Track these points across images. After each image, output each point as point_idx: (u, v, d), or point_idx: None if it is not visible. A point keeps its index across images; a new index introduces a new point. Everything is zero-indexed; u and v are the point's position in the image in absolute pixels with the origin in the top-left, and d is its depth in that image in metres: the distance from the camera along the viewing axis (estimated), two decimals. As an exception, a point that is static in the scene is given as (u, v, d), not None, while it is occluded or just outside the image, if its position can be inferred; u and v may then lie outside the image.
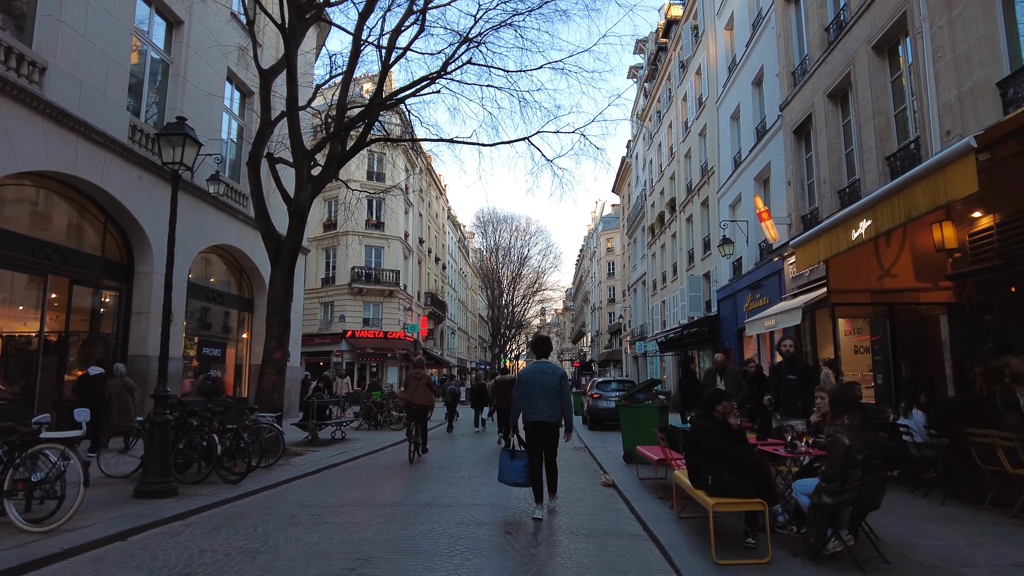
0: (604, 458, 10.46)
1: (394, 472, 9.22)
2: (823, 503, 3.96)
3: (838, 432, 4.03)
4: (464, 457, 11.12)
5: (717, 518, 4.47)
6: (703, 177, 22.07)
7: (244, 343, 18.70)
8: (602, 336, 60.11)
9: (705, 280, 21.94)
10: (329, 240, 33.96)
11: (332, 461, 9.95)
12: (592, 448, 12.25)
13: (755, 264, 16.54)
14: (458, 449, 12.81)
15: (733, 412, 5.02)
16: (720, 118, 20.44)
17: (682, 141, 25.14)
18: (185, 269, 14.63)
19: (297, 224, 10.74)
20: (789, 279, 13.66)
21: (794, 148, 14.11)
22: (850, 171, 11.95)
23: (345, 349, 32.19)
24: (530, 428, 6.11)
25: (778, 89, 15.11)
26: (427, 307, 41.71)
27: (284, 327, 10.60)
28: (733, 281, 18.35)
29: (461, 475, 8.92)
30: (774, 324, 11.64)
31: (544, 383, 6.04)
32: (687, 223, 24.59)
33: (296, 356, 20.62)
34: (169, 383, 14.01)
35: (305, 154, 10.92)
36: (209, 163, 15.10)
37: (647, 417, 9.39)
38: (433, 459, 10.97)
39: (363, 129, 12.02)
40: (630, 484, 7.68)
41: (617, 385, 17.29)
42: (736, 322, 17.95)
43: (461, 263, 62.02)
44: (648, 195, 32.56)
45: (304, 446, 12.02)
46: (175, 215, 7.05)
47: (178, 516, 5.80)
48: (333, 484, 8.12)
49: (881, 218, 6.02)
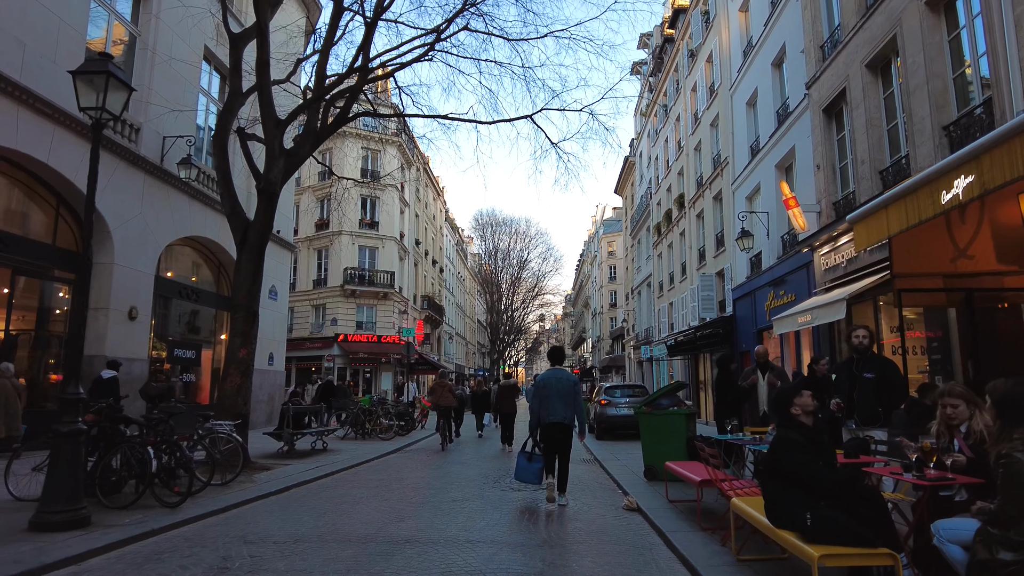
0: (620, 473, 9.06)
1: (372, 492, 7.79)
2: (996, 560, 2.60)
3: (1016, 452, 2.68)
4: (459, 473, 9.69)
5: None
6: (715, 170, 20.76)
7: (223, 345, 17.28)
8: (603, 342, 58.69)
9: (718, 279, 20.58)
10: (321, 240, 32.60)
11: (303, 477, 8.54)
12: (603, 461, 10.84)
13: (777, 258, 15.19)
14: (453, 462, 11.40)
15: (812, 407, 3.68)
16: (734, 106, 19.17)
17: (691, 134, 23.86)
18: (152, 262, 13.27)
19: (266, 204, 9.37)
20: (821, 272, 12.31)
21: (824, 129, 12.79)
22: (893, 148, 10.63)
23: (337, 354, 30.76)
24: (545, 429, 6.79)
25: (802, 67, 13.83)
26: (423, 311, 40.30)
27: (250, 322, 9.22)
28: (751, 278, 16.99)
29: (453, 497, 7.50)
30: (810, 320, 10.27)
31: (559, 388, 6.76)
32: (697, 219, 23.26)
33: (280, 360, 19.23)
34: (136, 385, 12.76)
35: (277, 124, 9.58)
36: (181, 146, 13.78)
37: (672, 426, 8.02)
38: (422, 475, 9.57)
39: (345, 102, 10.68)
40: (660, 510, 6.28)
41: (627, 391, 15.87)
42: (755, 322, 16.58)
43: (459, 267, 60.67)
44: (653, 193, 31.27)
45: (276, 458, 10.61)
46: (95, 174, 5.66)
47: (68, 560, 4.35)
48: (295, 509, 6.69)
49: (992, 170, 4.65)
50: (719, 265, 20.36)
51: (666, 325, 27.76)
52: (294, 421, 11.33)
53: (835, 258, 11.67)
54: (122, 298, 12.16)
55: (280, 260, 19.22)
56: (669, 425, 8.07)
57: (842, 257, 11.37)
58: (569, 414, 6.72)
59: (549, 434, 6.79)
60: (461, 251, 63.03)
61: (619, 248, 56.22)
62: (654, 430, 8.18)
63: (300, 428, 11.49)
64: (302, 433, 11.32)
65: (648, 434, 8.26)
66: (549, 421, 6.73)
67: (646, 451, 8.31)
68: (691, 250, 23.76)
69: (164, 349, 14.75)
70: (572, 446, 6.96)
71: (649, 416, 8.24)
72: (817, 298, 10.94)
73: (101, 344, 11.62)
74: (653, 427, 8.20)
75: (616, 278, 57.87)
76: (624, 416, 15.01)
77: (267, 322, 18.43)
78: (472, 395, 18.12)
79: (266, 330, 18.37)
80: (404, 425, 16.12)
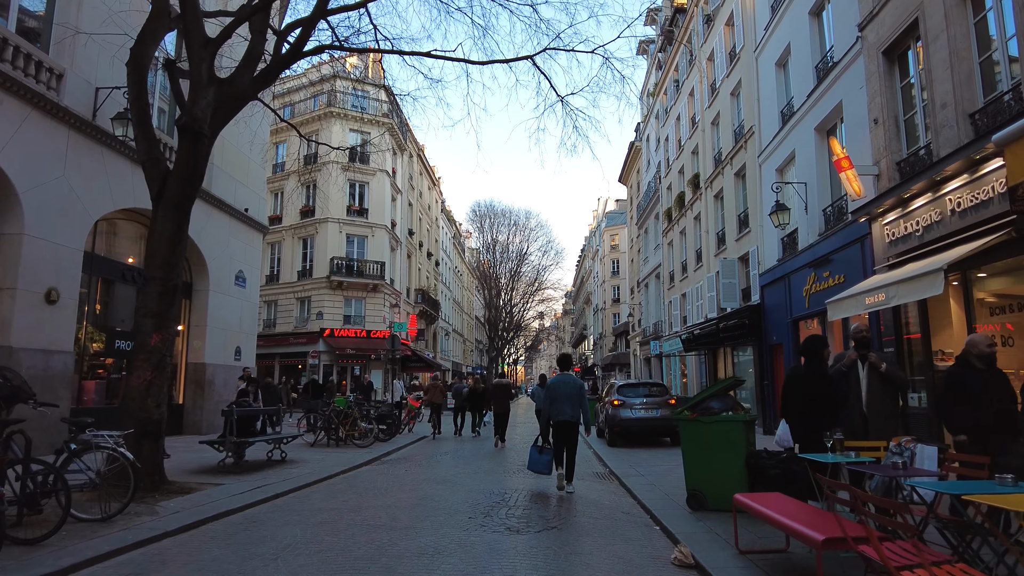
0: (650, 497, 6.94)
1: (308, 535, 5.48)
2: None
3: None
4: (440, 499, 7.36)
5: None
6: (737, 143, 18.63)
7: (181, 337, 15.14)
8: (606, 339, 56.54)
9: (741, 264, 18.44)
10: (307, 228, 30.42)
11: (231, 505, 6.40)
12: (623, 477, 8.71)
13: (819, 235, 13.05)
14: (436, 480, 9.14)
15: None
16: (760, 69, 17.04)
17: (708, 107, 21.70)
18: (80, 236, 11.11)
19: (191, 146, 7.20)
20: (883, 245, 10.17)
21: (883, 75, 10.65)
22: (987, 86, 8.48)
23: (323, 350, 28.61)
24: (556, 426, 7.83)
25: (851, 8, 11.71)
26: (417, 305, 38.13)
27: (167, 299, 7.06)
28: (784, 260, 14.85)
29: (421, 546, 5.12)
30: (885, 300, 8.13)
31: (567, 390, 7.74)
32: (715, 201, 21.11)
33: (250, 354, 17.07)
34: (56, 384, 10.59)
35: (205, 45, 7.42)
36: (119, 99, 11.59)
37: (727, 438, 5.91)
38: (390, 501, 7.43)
39: (302, 30, 8.51)
40: (732, 570, 4.14)
41: (644, 390, 13.70)
42: (789, 310, 14.44)
43: (456, 261, 58.47)
44: (663, 177, 29.11)
45: (214, 474, 8.47)
46: None
47: None
48: (175, 569, 4.53)
49: None
50: (742, 249, 18.21)
51: (678, 318, 25.62)
52: (241, 426, 9.18)
53: (905, 226, 9.53)
54: (36, 277, 10.00)
55: (249, 243, 17.06)
56: (722, 436, 5.95)
57: (916, 225, 9.24)
58: (576, 413, 7.70)
59: (559, 430, 7.80)
60: (458, 245, 60.81)
61: (623, 241, 54.05)
62: (701, 442, 6.05)
63: (248, 435, 9.34)
64: (250, 441, 9.14)
65: (692, 447, 6.13)
66: (559, 419, 7.74)
67: (690, 470, 6.17)
68: (708, 235, 21.61)
69: (102, 341, 12.59)
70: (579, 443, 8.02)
71: (695, 424, 6.10)
72: (903, 269, 8.78)
73: (6, 331, 9.45)
74: (700, 438, 6.07)
75: (619, 272, 55.70)
76: (641, 419, 12.88)
77: (234, 311, 16.28)
78: (471, 392, 17.38)
79: (232, 320, 16.23)
80: (387, 429, 13.98)
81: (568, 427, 7.72)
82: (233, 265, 16.28)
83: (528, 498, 7.45)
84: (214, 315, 15.33)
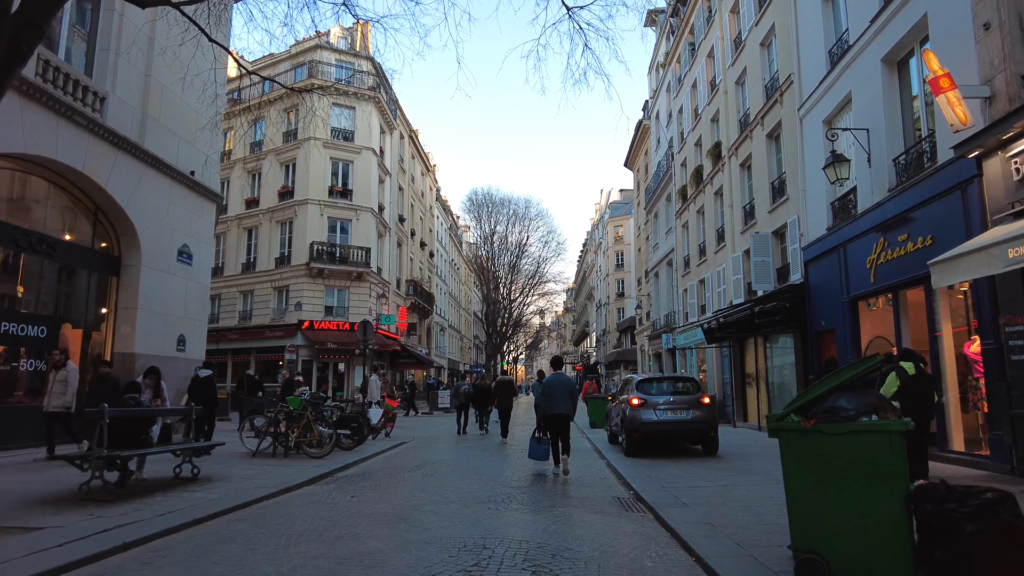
0: (713, 550, 4.34)
1: None
2: None
3: None
4: (376, 566, 4.77)
5: None
6: (770, 98, 15.98)
7: (106, 322, 12.52)
8: (610, 335, 53.89)
9: (775, 239, 15.77)
10: (285, 211, 27.75)
11: (32, 570, 3.76)
12: (657, 507, 6.09)
13: (889, 191, 10.40)
14: (383, 517, 6.55)
15: None
16: (799, 6, 14.39)
17: (731, 64, 19.05)
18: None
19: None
20: (1004, 188, 7.53)
21: (995, -34, 7.98)
22: None
23: (301, 344, 25.98)
24: (550, 418, 8.89)
25: None
26: (408, 297, 35.45)
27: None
28: (838, 227, 12.20)
29: None
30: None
31: (560, 388, 8.86)
32: (741, 170, 18.46)
33: (199, 345, 14.42)
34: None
35: None
36: None
37: (872, 459, 3.28)
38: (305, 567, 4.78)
39: None
40: None
41: (670, 386, 11.01)
42: (845, 288, 11.80)
43: (453, 254, 55.76)
44: (676, 153, 26.45)
45: (71, 505, 5.82)
46: None
47: None
48: None
49: None
50: (777, 221, 15.55)
51: (695, 307, 22.95)
52: (124, 434, 6.53)
53: (1046, 156, 6.89)
54: None
55: (197, 213, 14.40)
56: (862, 457, 3.32)
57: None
58: (568, 407, 8.82)
59: (554, 421, 8.87)
60: (455, 237, 58.10)
61: (628, 232, 51.38)
62: (823, 469, 3.41)
63: (134, 445, 6.69)
64: (128, 455, 6.48)
65: (806, 477, 3.49)
66: (553, 412, 8.82)
67: (800, 516, 3.52)
68: (732, 210, 18.95)
69: (-15, 323, 9.97)
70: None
71: (812, 438, 3.46)
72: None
73: None
74: (820, 461, 3.44)
75: (624, 265, 53.02)
76: (668, 423, 10.23)
77: (176, 293, 13.62)
78: (477, 390, 17.21)
79: (174, 304, 13.57)
80: (351, 435, 11.36)
81: (562, 418, 8.85)
82: (175, 238, 13.63)
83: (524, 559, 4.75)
84: (149, 296, 12.69)
